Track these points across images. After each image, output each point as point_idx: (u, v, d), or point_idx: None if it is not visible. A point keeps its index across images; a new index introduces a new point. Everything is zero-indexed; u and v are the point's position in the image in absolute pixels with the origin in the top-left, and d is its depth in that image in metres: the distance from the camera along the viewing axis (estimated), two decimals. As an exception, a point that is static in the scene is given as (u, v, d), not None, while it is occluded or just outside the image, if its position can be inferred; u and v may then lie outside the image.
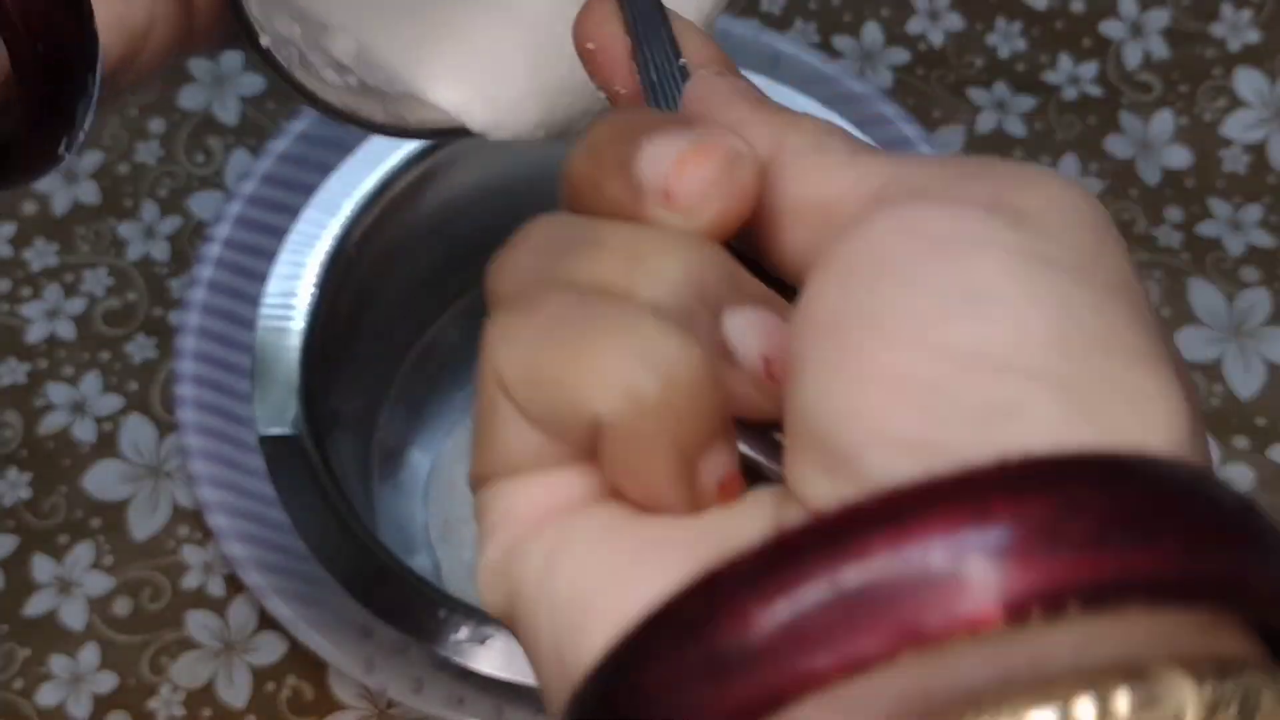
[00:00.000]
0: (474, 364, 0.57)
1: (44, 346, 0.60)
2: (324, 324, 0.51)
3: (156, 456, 0.58)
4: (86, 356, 0.60)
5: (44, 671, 0.54)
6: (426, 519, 0.58)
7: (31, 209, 0.62)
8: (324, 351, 0.51)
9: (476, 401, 0.21)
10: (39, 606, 0.56)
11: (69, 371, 0.60)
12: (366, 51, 0.29)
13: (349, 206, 0.53)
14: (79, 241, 0.62)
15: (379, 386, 0.59)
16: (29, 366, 0.60)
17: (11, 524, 0.57)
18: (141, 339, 0.60)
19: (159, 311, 0.61)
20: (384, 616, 0.46)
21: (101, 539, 0.57)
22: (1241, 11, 0.67)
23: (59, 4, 0.25)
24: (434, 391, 0.60)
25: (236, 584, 0.55)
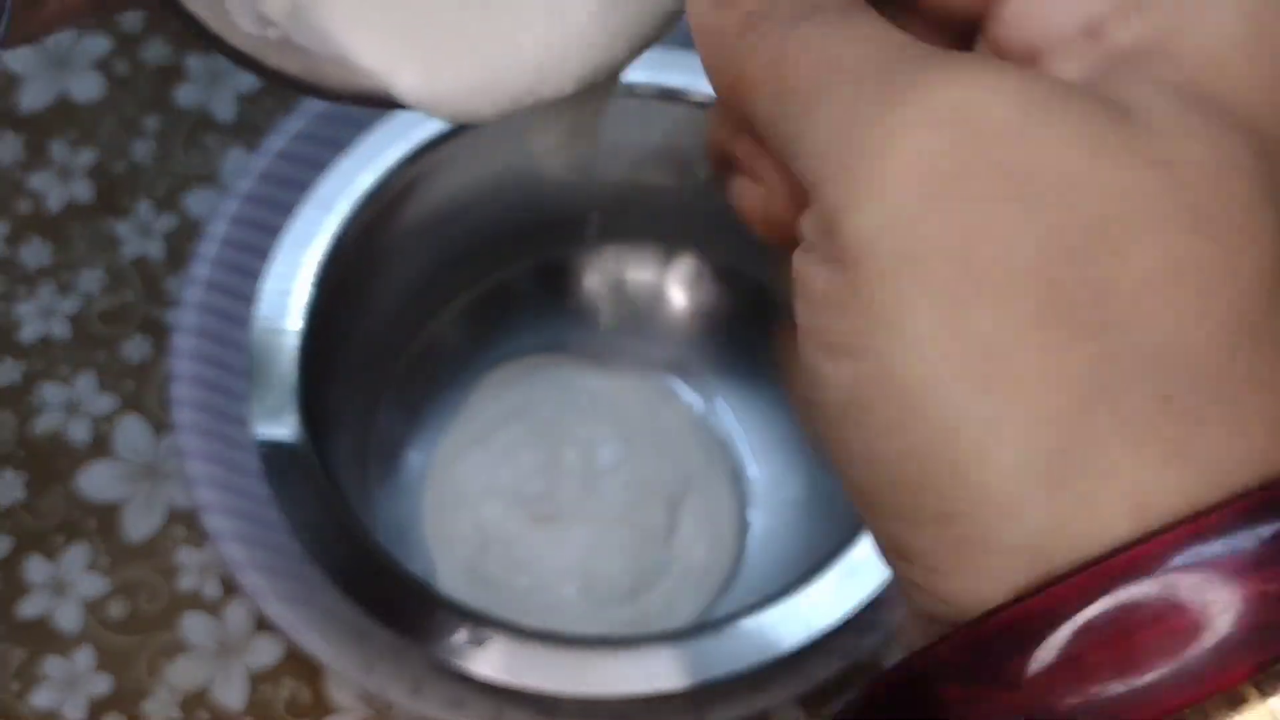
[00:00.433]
0: (471, 365, 0.56)
1: (38, 346, 0.60)
2: (321, 324, 0.51)
3: (152, 457, 0.58)
4: (82, 356, 0.60)
5: (38, 674, 0.54)
6: (423, 520, 0.58)
7: (26, 207, 0.62)
8: (321, 351, 0.51)
9: None
10: (33, 608, 0.55)
11: (64, 371, 0.59)
12: (299, 8, 0.28)
13: (346, 205, 0.53)
14: (74, 240, 0.62)
15: (376, 387, 0.59)
16: (23, 366, 0.59)
17: (6, 525, 0.57)
18: (137, 338, 0.60)
19: (155, 311, 0.61)
20: (382, 618, 0.46)
21: (97, 540, 0.56)
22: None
23: None
24: (432, 392, 0.60)
25: (233, 586, 0.55)
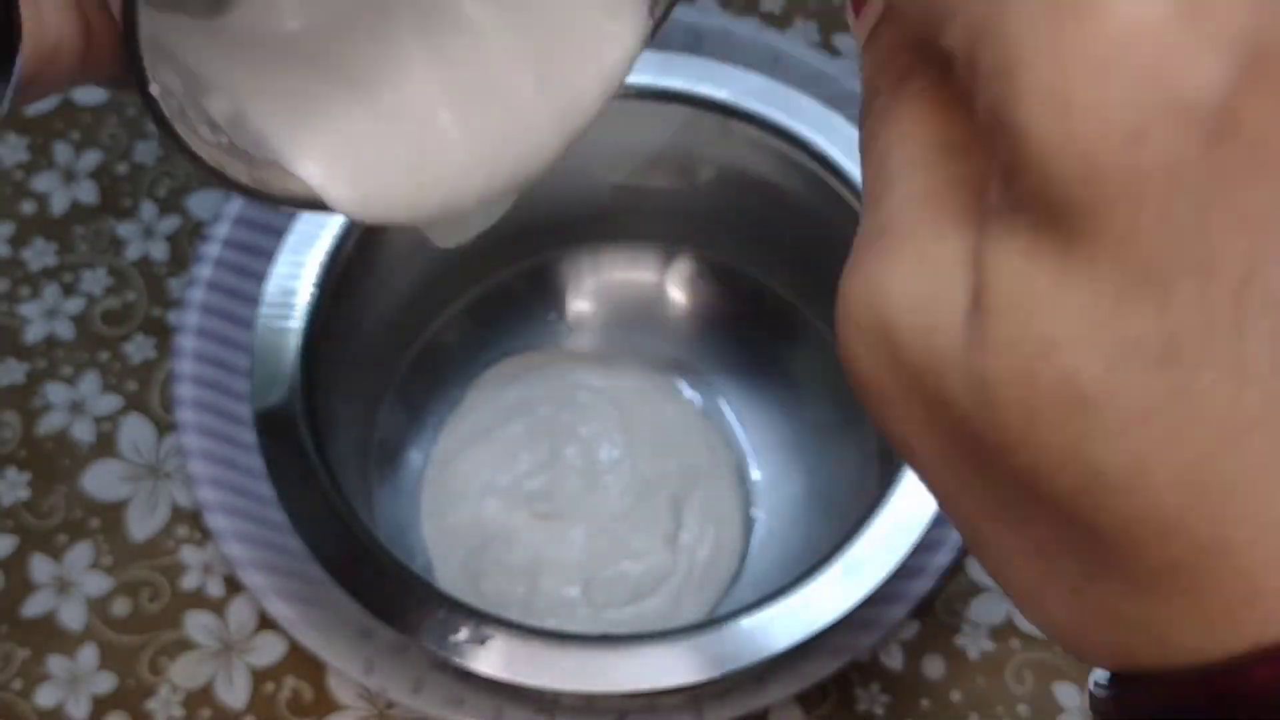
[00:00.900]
0: (472, 365, 0.57)
1: (43, 346, 0.60)
2: (323, 324, 0.51)
3: (155, 456, 0.58)
4: (85, 356, 0.60)
5: (42, 672, 0.54)
6: (421, 519, 0.58)
7: (30, 209, 0.62)
8: (323, 352, 0.51)
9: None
10: (38, 607, 0.56)
11: (68, 371, 0.60)
12: (241, 116, 0.30)
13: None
14: (78, 241, 0.62)
15: (378, 387, 0.59)
16: (28, 366, 0.60)
17: (10, 524, 0.57)
18: (140, 339, 0.60)
19: (158, 311, 0.61)
20: (383, 617, 0.46)
21: (100, 539, 0.57)
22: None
23: None
24: (432, 392, 0.60)
25: (235, 584, 0.56)
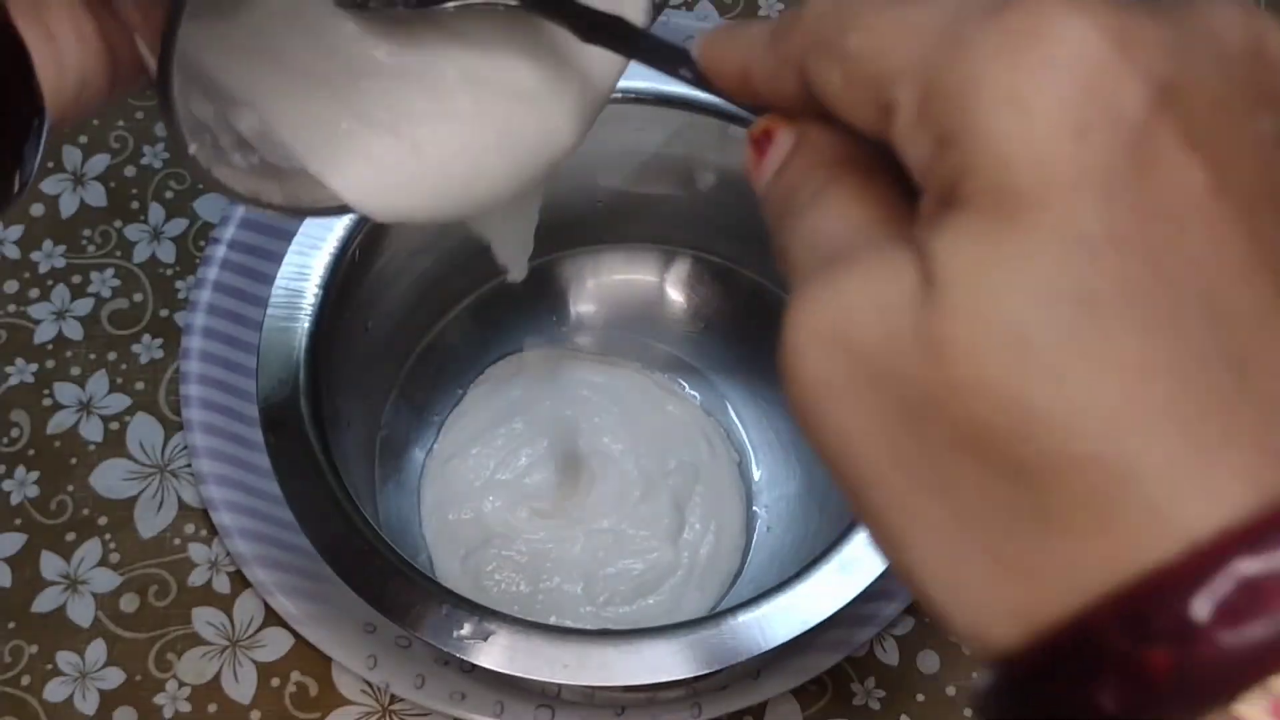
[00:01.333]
0: (475, 365, 0.58)
1: (52, 346, 0.61)
2: (328, 325, 0.52)
3: (163, 455, 0.59)
4: (94, 357, 0.60)
5: (51, 667, 0.55)
6: (420, 517, 0.59)
7: (39, 211, 0.63)
8: (328, 352, 0.52)
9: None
10: (47, 603, 0.56)
11: (76, 371, 0.60)
12: (268, 128, 0.32)
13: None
14: (86, 243, 0.63)
15: (382, 386, 0.59)
16: (36, 366, 0.60)
17: (19, 522, 0.57)
18: (148, 339, 0.61)
19: (165, 312, 0.61)
20: (387, 613, 0.46)
21: (108, 536, 0.57)
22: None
23: (9, 73, 0.30)
24: (436, 391, 0.61)
25: (242, 581, 0.56)
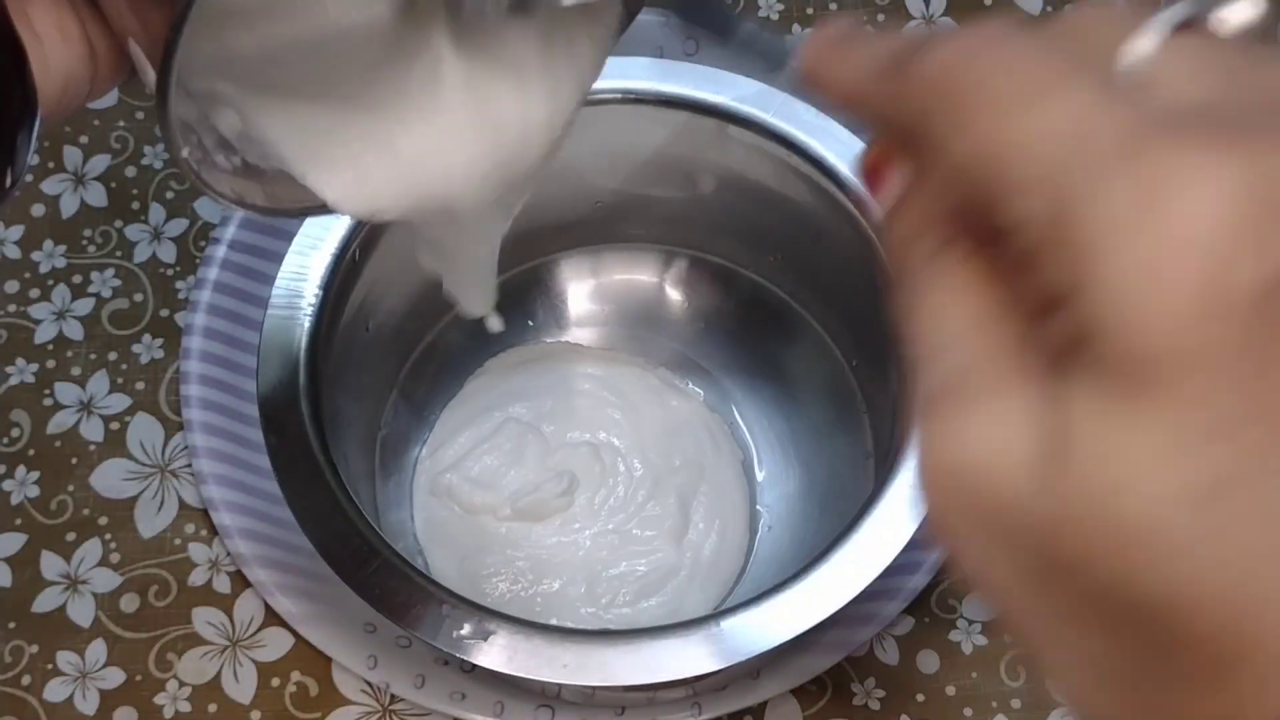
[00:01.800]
0: (475, 365, 0.57)
1: (52, 346, 0.61)
2: (328, 325, 0.52)
3: (163, 455, 0.59)
4: (94, 356, 0.61)
5: (51, 667, 0.55)
6: (414, 519, 0.58)
7: (40, 211, 0.63)
8: (328, 352, 0.52)
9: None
10: (47, 603, 0.56)
11: (77, 371, 0.60)
12: (248, 127, 0.33)
13: (353, 209, 0.53)
14: (87, 243, 0.63)
15: (382, 387, 0.59)
16: (37, 366, 0.60)
17: (20, 521, 0.57)
18: (148, 339, 0.61)
19: (165, 312, 0.61)
20: (387, 613, 0.46)
21: (108, 536, 0.57)
22: (1234, 16, 0.67)
23: (6, 70, 0.31)
24: (436, 391, 0.61)
25: (242, 581, 0.56)
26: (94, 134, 0.65)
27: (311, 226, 0.53)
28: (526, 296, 0.62)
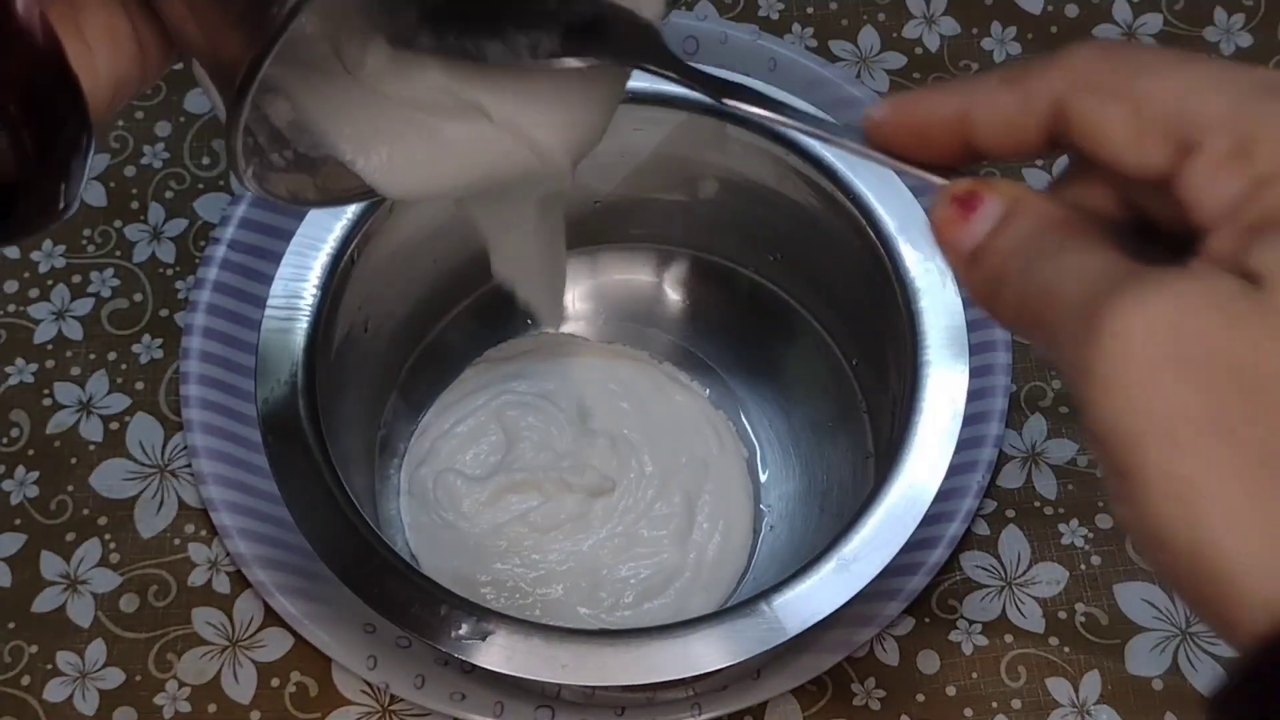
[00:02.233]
0: (474, 364, 0.56)
1: (52, 346, 0.61)
2: (328, 325, 0.52)
3: (163, 455, 0.59)
4: (94, 356, 0.61)
5: (51, 667, 0.55)
6: (404, 521, 0.58)
7: (39, 211, 0.63)
8: (328, 352, 0.52)
9: None
10: (46, 603, 0.56)
11: (76, 371, 0.60)
12: (300, 115, 0.33)
13: (353, 209, 0.53)
14: (86, 243, 0.63)
15: (381, 386, 0.59)
16: (36, 366, 0.60)
17: (19, 521, 0.57)
18: (148, 339, 0.61)
19: (165, 312, 0.61)
20: (387, 613, 0.46)
21: (108, 536, 0.57)
22: (1234, 16, 0.68)
23: (58, 90, 0.31)
24: (435, 392, 0.61)
25: (242, 581, 0.56)
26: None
27: (311, 226, 0.53)
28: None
